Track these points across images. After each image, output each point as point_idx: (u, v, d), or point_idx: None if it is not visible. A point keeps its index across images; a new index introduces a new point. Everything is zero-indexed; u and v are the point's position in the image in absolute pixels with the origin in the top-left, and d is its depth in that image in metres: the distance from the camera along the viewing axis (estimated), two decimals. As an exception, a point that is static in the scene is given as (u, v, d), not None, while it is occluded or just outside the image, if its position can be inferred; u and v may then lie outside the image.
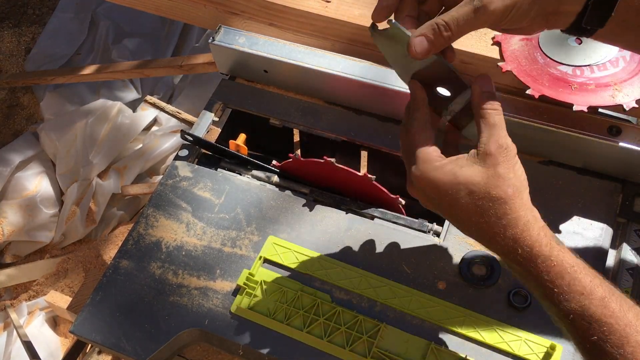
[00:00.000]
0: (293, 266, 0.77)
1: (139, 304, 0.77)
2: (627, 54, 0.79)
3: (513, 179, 0.57)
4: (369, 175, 0.80)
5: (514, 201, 0.57)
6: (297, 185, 0.86)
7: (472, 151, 0.60)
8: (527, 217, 0.57)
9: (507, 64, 0.81)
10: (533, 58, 0.81)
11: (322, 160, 0.81)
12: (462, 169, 0.58)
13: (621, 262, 0.74)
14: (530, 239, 0.56)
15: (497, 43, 0.85)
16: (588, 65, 0.79)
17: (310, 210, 0.82)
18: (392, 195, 0.81)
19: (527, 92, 0.79)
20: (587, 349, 0.54)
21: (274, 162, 0.88)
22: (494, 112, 0.60)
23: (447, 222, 0.79)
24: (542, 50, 0.81)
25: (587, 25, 0.59)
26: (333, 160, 0.81)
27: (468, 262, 0.75)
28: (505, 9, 0.57)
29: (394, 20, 0.60)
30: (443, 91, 0.64)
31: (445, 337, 0.70)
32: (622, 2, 0.57)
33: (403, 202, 0.82)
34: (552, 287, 0.54)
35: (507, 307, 0.72)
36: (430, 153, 0.61)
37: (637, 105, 0.76)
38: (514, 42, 0.83)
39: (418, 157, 0.61)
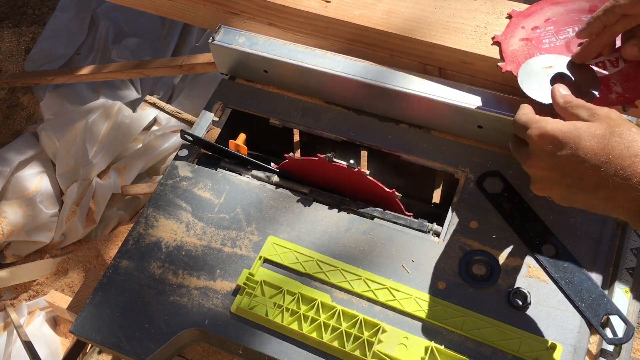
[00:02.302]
0: (293, 266, 0.77)
1: (139, 304, 0.77)
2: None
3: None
4: (363, 170, 0.80)
5: None
6: (297, 185, 0.86)
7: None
8: None
9: (507, 64, 0.81)
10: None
11: (315, 158, 0.81)
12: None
13: (621, 262, 0.74)
14: None
15: (497, 43, 0.85)
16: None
17: (310, 210, 0.82)
18: (388, 190, 0.81)
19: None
20: None
21: (273, 164, 0.88)
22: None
23: (447, 222, 0.79)
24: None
25: None
26: (329, 155, 0.82)
27: (468, 262, 0.75)
28: None
29: None
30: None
31: (445, 337, 0.70)
32: None
33: (399, 195, 0.82)
34: None
35: (507, 307, 0.72)
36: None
37: (637, 106, 0.76)
38: (514, 42, 0.83)
39: (534, 120, 0.65)
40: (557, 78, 0.74)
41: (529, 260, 0.74)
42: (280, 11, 0.97)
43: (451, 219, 0.79)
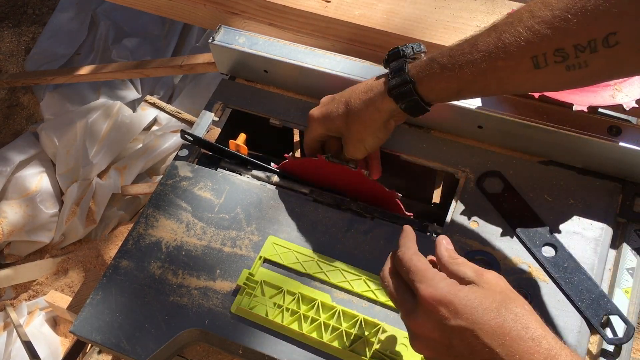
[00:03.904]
0: (293, 266, 0.77)
1: (139, 304, 0.77)
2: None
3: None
4: (362, 170, 0.80)
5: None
6: (297, 185, 0.86)
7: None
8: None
9: (507, 64, 0.81)
10: (533, 58, 0.81)
11: (315, 158, 0.81)
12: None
13: (621, 262, 0.74)
14: None
15: (497, 43, 0.85)
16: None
17: (310, 210, 0.82)
18: (388, 190, 0.81)
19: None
20: None
21: (273, 164, 0.88)
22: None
23: (447, 222, 0.79)
24: None
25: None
26: (329, 155, 0.82)
27: (468, 262, 0.75)
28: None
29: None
30: None
31: (445, 337, 0.70)
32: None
33: (400, 195, 0.82)
34: None
35: (507, 307, 0.71)
36: (437, 271, 0.59)
37: (637, 105, 0.76)
38: (514, 42, 0.83)
39: (427, 276, 0.58)
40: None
41: (529, 260, 0.74)
42: (281, 11, 0.97)
43: (451, 219, 0.79)
